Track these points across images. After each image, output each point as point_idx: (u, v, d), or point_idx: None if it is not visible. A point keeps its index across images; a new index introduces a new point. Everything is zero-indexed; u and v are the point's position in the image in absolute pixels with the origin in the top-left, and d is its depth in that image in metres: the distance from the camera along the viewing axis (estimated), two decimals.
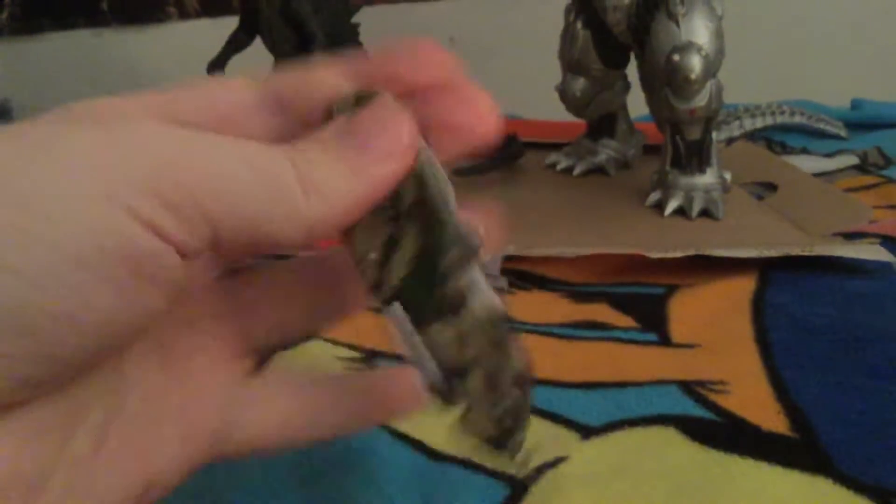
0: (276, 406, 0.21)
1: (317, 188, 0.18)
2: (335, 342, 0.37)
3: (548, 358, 0.36)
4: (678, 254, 0.43)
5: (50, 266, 0.14)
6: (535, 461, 0.28)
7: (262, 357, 0.23)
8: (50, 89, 1.08)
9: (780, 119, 0.75)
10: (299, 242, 0.18)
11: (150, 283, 0.16)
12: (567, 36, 0.63)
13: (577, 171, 0.65)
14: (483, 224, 0.21)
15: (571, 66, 0.63)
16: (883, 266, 0.43)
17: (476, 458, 0.29)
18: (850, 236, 0.49)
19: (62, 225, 0.15)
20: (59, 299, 0.15)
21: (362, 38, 0.62)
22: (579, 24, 0.62)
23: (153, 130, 0.17)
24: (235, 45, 0.61)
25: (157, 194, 0.15)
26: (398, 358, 0.36)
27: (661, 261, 0.44)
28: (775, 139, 0.75)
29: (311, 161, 0.18)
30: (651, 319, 0.39)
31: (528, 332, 0.38)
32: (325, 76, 0.20)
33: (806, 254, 0.43)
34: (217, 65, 0.60)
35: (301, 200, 0.17)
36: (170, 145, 0.16)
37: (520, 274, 0.46)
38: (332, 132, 0.19)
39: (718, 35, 0.52)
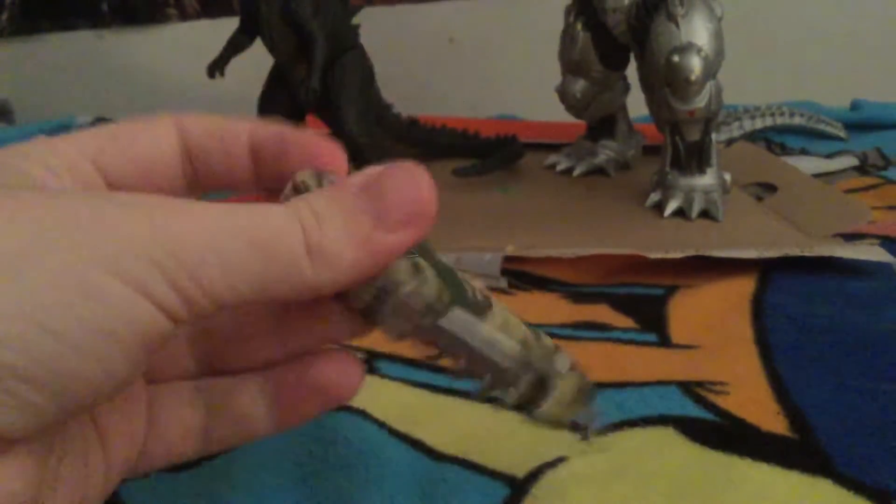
0: (180, 420, 0.23)
1: (323, 258, 0.18)
2: None
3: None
4: (678, 254, 0.43)
5: (83, 335, 0.16)
6: (535, 462, 0.28)
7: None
8: (50, 90, 1.08)
9: (779, 120, 0.75)
10: (305, 300, 0.19)
11: (152, 351, 0.18)
12: (567, 37, 0.63)
13: (576, 171, 0.65)
14: None
15: (571, 67, 0.63)
16: (882, 267, 0.43)
17: (475, 459, 0.29)
18: (850, 237, 0.49)
19: (94, 302, 0.16)
20: (82, 363, 0.16)
21: (362, 39, 0.62)
22: (579, 26, 0.62)
23: (161, 206, 0.18)
24: (235, 46, 0.61)
25: (169, 278, 0.17)
26: (402, 360, 0.36)
27: (661, 261, 0.44)
28: (775, 140, 0.76)
29: (322, 227, 0.18)
30: (651, 320, 0.39)
31: None
32: (240, 130, 0.22)
33: (805, 254, 0.43)
34: (217, 66, 0.60)
35: (307, 269, 0.18)
36: (176, 225, 0.17)
37: (519, 274, 0.46)
38: (352, 192, 0.19)
39: (718, 36, 0.52)
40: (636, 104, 0.64)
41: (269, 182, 0.22)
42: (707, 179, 0.54)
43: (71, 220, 0.17)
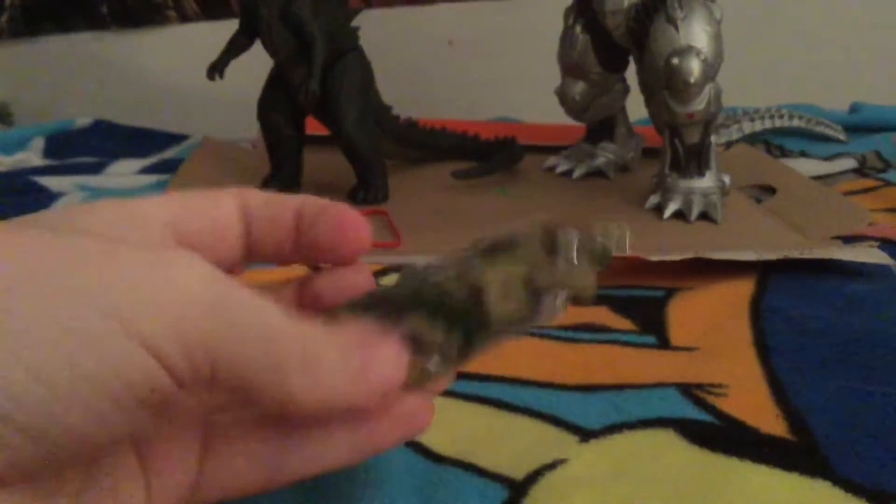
0: (245, 448, 0.22)
1: (313, 373, 0.19)
2: None
3: (547, 360, 0.36)
4: (677, 256, 0.43)
5: (71, 384, 0.16)
6: (534, 464, 0.28)
7: None
8: (50, 92, 1.08)
9: (778, 123, 0.75)
10: (272, 405, 0.19)
11: (149, 408, 0.17)
12: (566, 39, 0.63)
13: (576, 174, 0.65)
14: None
15: (570, 69, 0.63)
16: (881, 269, 0.43)
17: (474, 460, 0.29)
18: (849, 239, 0.49)
19: (90, 350, 0.16)
20: (71, 413, 0.16)
21: (362, 41, 0.62)
22: (578, 28, 0.62)
23: (193, 274, 0.18)
24: (235, 48, 0.61)
25: (181, 341, 0.17)
26: None
27: (661, 263, 0.44)
28: (774, 142, 0.76)
29: (319, 350, 0.19)
30: (650, 322, 0.39)
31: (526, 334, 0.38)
32: (290, 201, 0.23)
33: (805, 257, 0.43)
34: (217, 68, 0.60)
35: (294, 375, 0.18)
36: (203, 295, 0.17)
37: None
38: (348, 338, 0.20)
39: (717, 39, 0.52)
40: (635, 107, 0.64)
41: (306, 250, 0.23)
42: (706, 182, 0.54)
43: (79, 261, 0.16)
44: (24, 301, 0.15)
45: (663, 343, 0.38)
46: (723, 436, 0.30)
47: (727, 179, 0.55)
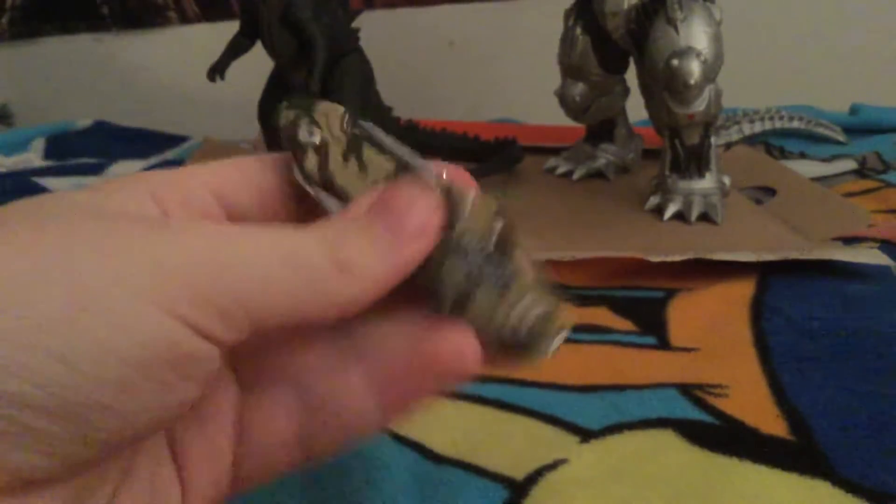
0: (276, 428, 0.21)
1: (351, 272, 0.18)
2: None
3: (547, 361, 0.36)
4: (677, 257, 0.43)
5: (96, 360, 0.15)
6: (535, 464, 0.28)
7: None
8: (51, 93, 1.08)
9: (779, 124, 0.75)
10: (332, 320, 0.19)
11: (190, 379, 0.17)
12: (566, 41, 0.63)
13: (576, 175, 0.65)
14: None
15: (571, 70, 0.63)
16: (881, 270, 0.43)
17: (475, 461, 0.29)
18: (849, 241, 0.49)
19: (111, 324, 0.15)
20: (102, 392, 0.15)
21: (362, 42, 0.62)
22: (579, 29, 0.62)
23: (200, 232, 0.17)
24: (236, 49, 0.61)
25: (206, 300, 0.16)
26: None
27: (661, 264, 0.44)
28: (774, 144, 0.76)
29: (346, 244, 0.19)
30: (650, 323, 0.39)
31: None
32: None
33: (805, 258, 0.44)
34: (217, 69, 0.60)
35: (335, 285, 0.18)
36: (216, 249, 0.17)
37: None
38: (365, 211, 0.20)
39: (717, 40, 0.52)
40: (636, 108, 0.64)
41: None
42: (706, 183, 0.55)
43: (87, 241, 0.16)
44: (37, 282, 0.15)
45: (664, 344, 0.38)
46: (723, 436, 0.30)
47: (727, 180, 0.55)
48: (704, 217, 0.53)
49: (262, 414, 0.21)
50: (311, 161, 0.21)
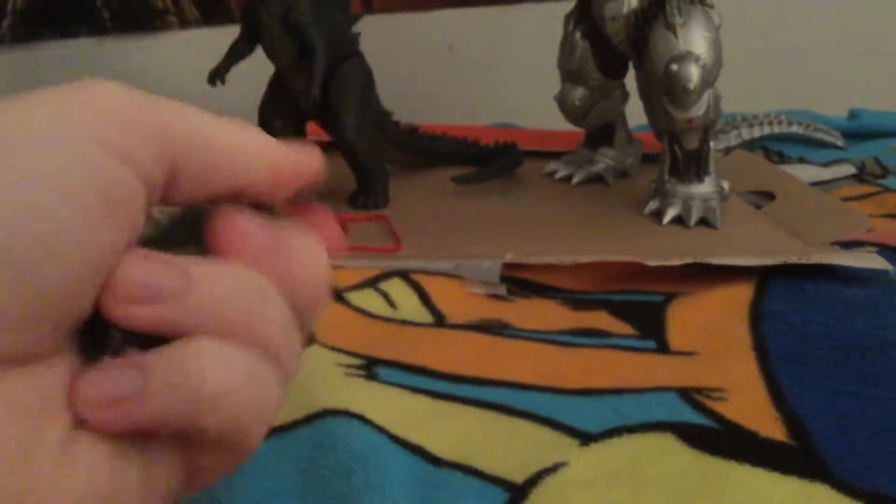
0: None
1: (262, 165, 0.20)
2: (334, 348, 0.37)
3: (546, 365, 0.36)
4: (676, 262, 0.44)
5: (27, 192, 0.15)
6: (534, 467, 0.28)
7: None
8: None
9: (777, 129, 0.75)
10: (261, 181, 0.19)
11: (114, 209, 0.16)
12: (566, 45, 0.63)
13: (575, 179, 0.65)
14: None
15: (570, 75, 0.64)
16: (880, 274, 0.43)
17: (475, 464, 0.29)
18: (848, 245, 0.49)
19: (40, 154, 0.15)
20: (33, 222, 0.15)
21: (362, 47, 0.63)
22: (578, 34, 0.62)
23: (123, 92, 0.18)
24: (236, 54, 0.61)
25: (133, 128, 0.17)
26: (402, 366, 0.36)
27: (660, 269, 0.44)
28: (773, 148, 0.76)
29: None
30: (649, 327, 0.40)
31: (526, 339, 0.38)
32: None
33: (804, 262, 0.44)
34: (218, 74, 0.61)
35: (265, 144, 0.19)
36: (140, 95, 0.18)
37: (519, 282, 0.46)
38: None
39: (716, 45, 0.53)
40: (635, 112, 0.64)
41: None
42: (705, 187, 0.55)
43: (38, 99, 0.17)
44: (20, 129, 0.16)
45: (663, 347, 0.38)
46: (722, 439, 0.30)
47: (726, 185, 0.55)
48: (703, 221, 0.53)
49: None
50: None
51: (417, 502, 0.27)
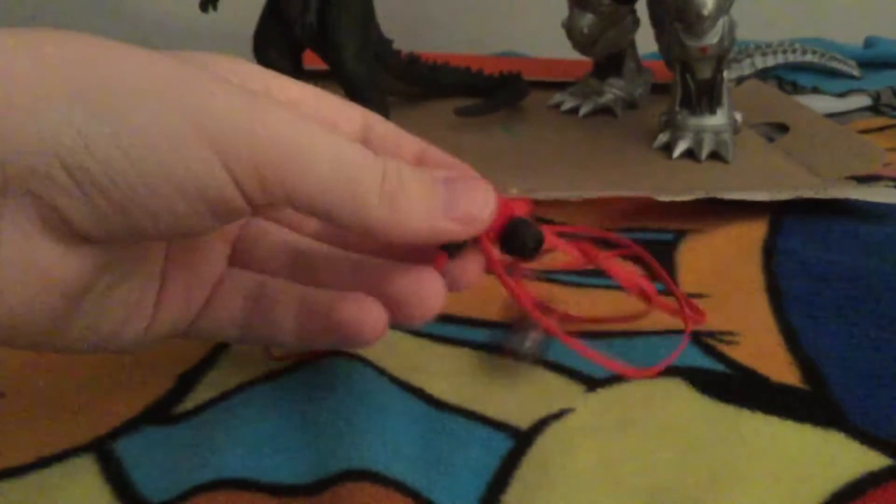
0: (232, 308, 0.26)
1: (394, 207, 0.21)
2: None
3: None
4: (686, 197, 0.42)
5: (153, 174, 0.19)
6: (540, 413, 0.28)
7: None
8: None
9: (791, 57, 0.73)
10: (358, 237, 0.24)
11: (215, 219, 0.20)
12: None
13: (582, 111, 0.63)
14: None
15: (578, 1, 0.61)
16: None
17: (479, 409, 0.28)
18: (864, 180, 0.48)
19: (176, 161, 0.19)
20: (151, 201, 0.19)
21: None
22: None
23: (279, 115, 0.20)
24: None
25: (254, 167, 0.19)
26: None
27: (670, 204, 0.43)
28: (787, 78, 0.74)
29: (403, 185, 0.21)
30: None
31: (532, 279, 0.37)
32: (410, 147, 0.30)
33: (818, 196, 0.42)
34: (211, 1, 0.58)
35: (373, 208, 0.21)
36: (282, 131, 0.20)
37: None
38: (433, 174, 0.22)
39: None
40: (645, 40, 0.62)
41: None
42: (717, 119, 0.53)
43: (187, 81, 0.20)
44: (141, 97, 0.19)
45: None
46: (734, 385, 0.29)
47: (739, 117, 0.54)
48: (715, 155, 0.52)
49: (231, 291, 0.26)
50: None
51: (419, 445, 0.26)
